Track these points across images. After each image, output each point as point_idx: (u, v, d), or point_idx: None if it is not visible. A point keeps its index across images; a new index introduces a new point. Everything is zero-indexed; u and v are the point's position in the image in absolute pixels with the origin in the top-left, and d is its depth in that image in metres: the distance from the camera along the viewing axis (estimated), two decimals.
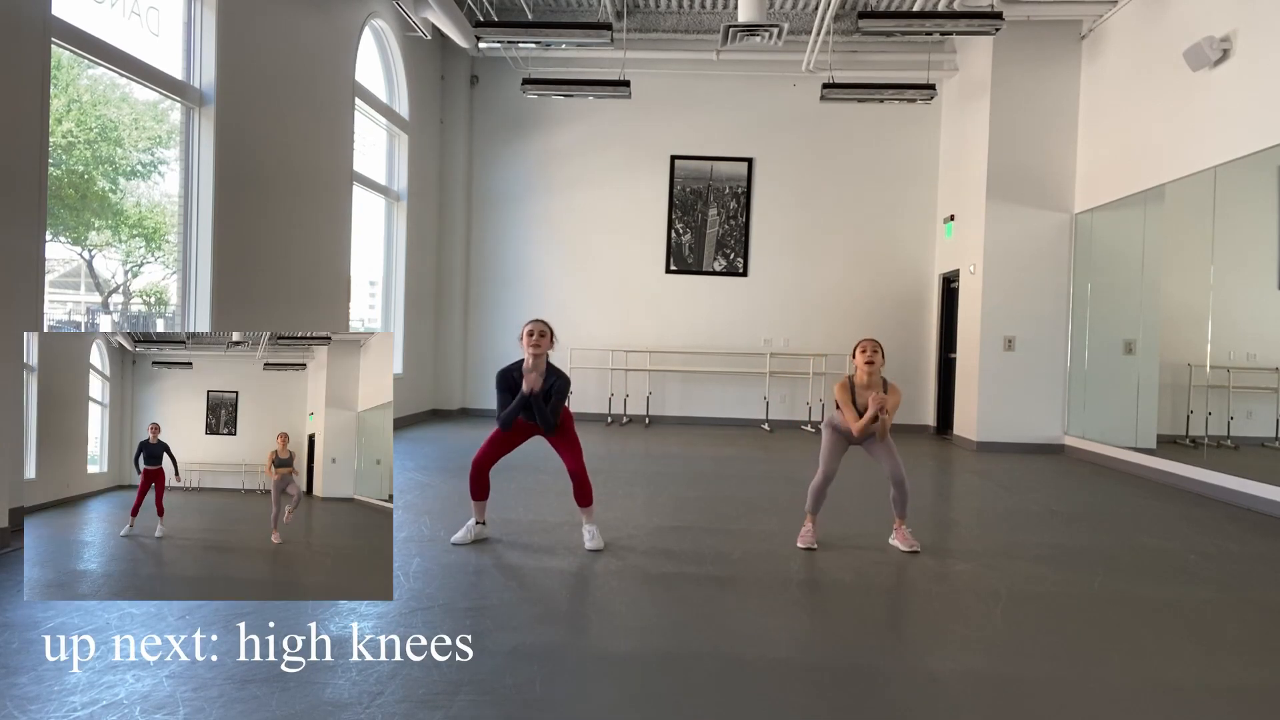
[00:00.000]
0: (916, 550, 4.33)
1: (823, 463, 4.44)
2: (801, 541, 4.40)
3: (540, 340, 4.14)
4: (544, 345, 4.16)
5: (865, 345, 4.38)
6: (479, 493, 4.31)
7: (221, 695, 2.46)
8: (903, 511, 4.43)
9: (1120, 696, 2.68)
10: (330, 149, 7.40)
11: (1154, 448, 7.26)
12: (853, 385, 4.39)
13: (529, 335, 4.15)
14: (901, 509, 4.42)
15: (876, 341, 4.41)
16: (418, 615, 3.18)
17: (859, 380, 4.37)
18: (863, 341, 4.41)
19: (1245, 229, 6.42)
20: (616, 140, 10.66)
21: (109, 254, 5.47)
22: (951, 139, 10.15)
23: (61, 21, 4.45)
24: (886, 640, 3.23)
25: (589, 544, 4.25)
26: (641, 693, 2.62)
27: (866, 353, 4.35)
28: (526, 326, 4.18)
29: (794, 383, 10.59)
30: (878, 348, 4.38)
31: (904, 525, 4.44)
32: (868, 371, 4.33)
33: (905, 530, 4.42)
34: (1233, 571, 4.29)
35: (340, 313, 7.76)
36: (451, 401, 10.69)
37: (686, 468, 7.14)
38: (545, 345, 4.17)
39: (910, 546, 4.35)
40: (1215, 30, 6.40)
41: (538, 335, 4.15)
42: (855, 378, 4.39)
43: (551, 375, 4.20)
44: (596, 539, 4.27)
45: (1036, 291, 8.78)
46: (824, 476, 4.41)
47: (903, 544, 4.38)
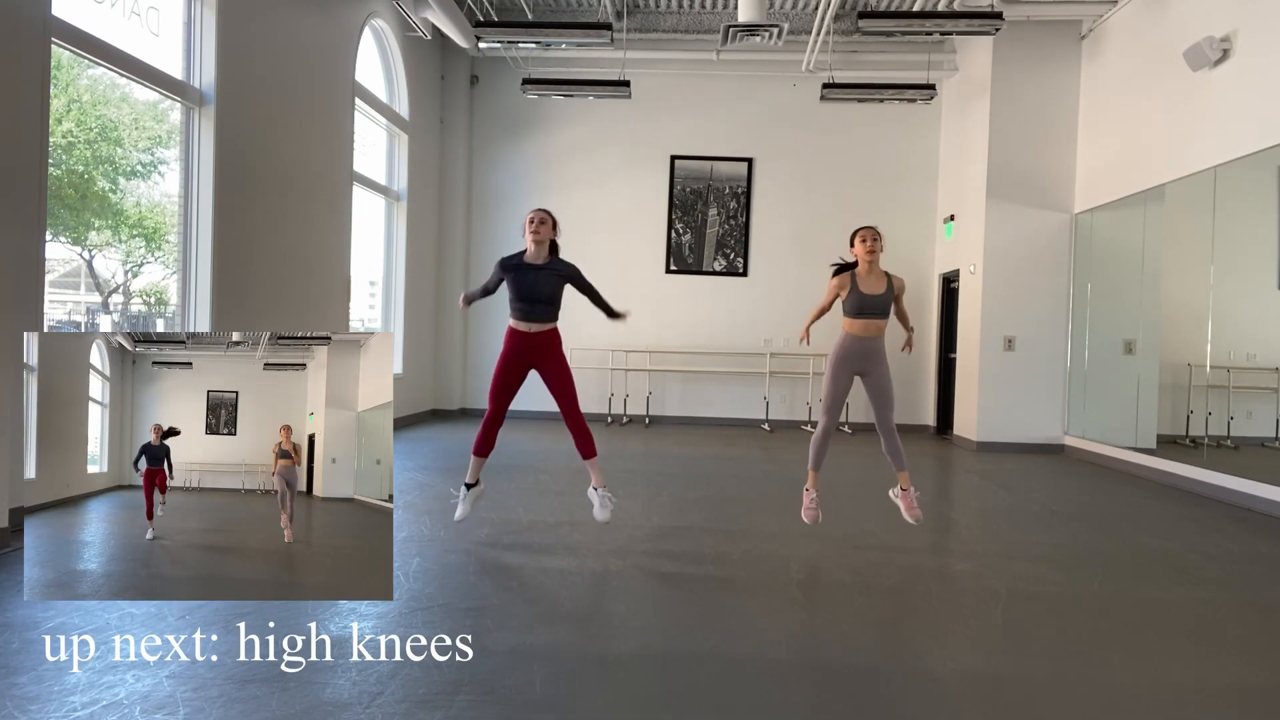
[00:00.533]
0: (918, 520, 4.26)
1: (825, 413, 4.35)
2: (806, 515, 4.34)
3: (540, 227, 4.14)
4: (544, 232, 4.16)
5: (866, 234, 4.29)
6: (484, 448, 4.26)
7: (221, 695, 2.46)
8: (900, 461, 4.35)
9: (1120, 696, 2.68)
10: (330, 149, 7.40)
11: (1154, 448, 7.26)
12: (854, 279, 4.30)
13: (530, 222, 4.15)
14: (898, 458, 4.34)
15: (875, 229, 4.32)
16: (418, 615, 3.18)
17: (860, 269, 4.30)
18: (862, 230, 4.32)
19: (1245, 229, 6.42)
20: (616, 140, 10.66)
21: (109, 254, 5.47)
22: (951, 139, 10.15)
23: (61, 21, 4.45)
24: (886, 640, 3.23)
25: (598, 513, 4.18)
26: (641, 693, 2.62)
27: (867, 241, 4.27)
28: (528, 215, 4.18)
29: (794, 383, 10.59)
30: (878, 235, 4.30)
31: (910, 486, 4.35)
32: (869, 260, 4.26)
33: (912, 494, 4.33)
34: (1233, 571, 4.29)
35: (340, 313, 7.76)
36: (451, 401, 10.69)
37: (686, 468, 7.14)
38: (546, 232, 4.17)
39: (912, 514, 4.26)
40: (1215, 30, 6.40)
41: (537, 222, 4.15)
42: (857, 269, 4.31)
43: (555, 262, 4.19)
44: (606, 507, 4.19)
45: (1036, 291, 8.78)
46: (828, 420, 4.33)
47: (904, 509, 4.30)
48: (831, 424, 4.36)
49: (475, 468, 4.33)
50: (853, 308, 4.31)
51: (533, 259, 4.17)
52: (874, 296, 4.27)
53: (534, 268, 4.17)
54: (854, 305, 4.30)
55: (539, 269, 4.17)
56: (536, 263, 4.16)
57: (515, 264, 4.19)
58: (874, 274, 4.29)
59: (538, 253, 4.16)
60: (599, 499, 4.24)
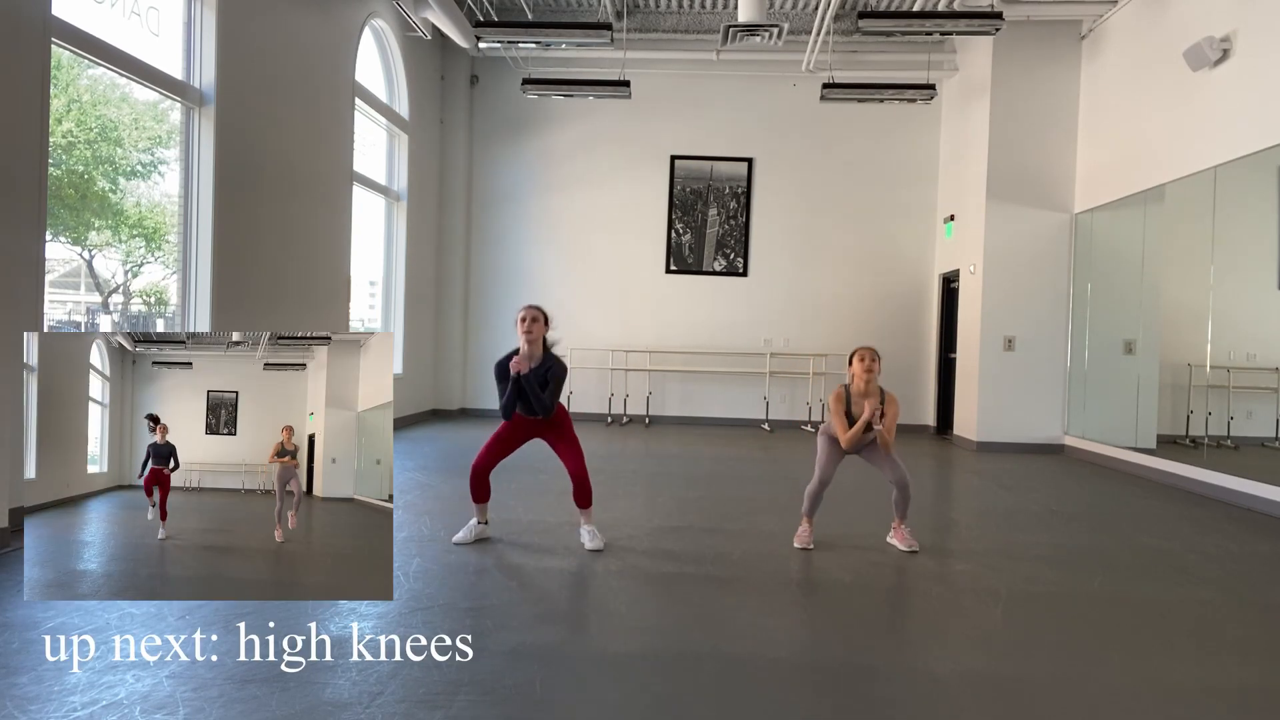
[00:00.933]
0: (915, 550, 4.33)
1: (819, 469, 4.43)
2: (798, 542, 4.40)
3: (533, 326, 4.13)
4: (537, 330, 4.15)
5: (864, 354, 4.35)
6: (479, 495, 4.32)
7: (221, 695, 2.46)
8: (903, 513, 4.42)
9: (1120, 696, 2.68)
10: (330, 149, 7.40)
11: (1154, 448, 7.26)
12: (849, 394, 4.37)
13: (521, 321, 4.14)
14: (903, 510, 4.41)
15: (874, 350, 4.39)
16: (418, 615, 3.18)
17: (855, 388, 4.35)
18: (860, 350, 4.38)
19: (1245, 229, 6.42)
20: (616, 140, 10.66)
21: (109, 254, 5.47)
22: (951, 139, 10.15)
23: (61, 21, 4.45)
24: (886, 640, 3.23)
25: (589, 544, 4.24)
26: (641, 693, 2.62)
27: (865, 361, 4.31)
28: (520, 313, 4.18)
29: (794, 383, 10.59)
30: (876, 356, 4.36)
31: (904, 526, 4.43)
32: (865, 380, 4.31)
33: (905, 530, 4.41)
34: (1233, 571, 4.29)
35: (340, 313, 7.76)
36: (451, 401, 10.69)
37: (686, 468, 7.14)
38: (539, 330, 4.16)
39: (909, 546, 4.35)
40: (1215, 30, 6.40)
41: (530, 321, 4.14)
42: (852, 386, 4.37)
43: (548, 360, 4.19)
44: (596, 539, 4.26)
45: (1036, 291, 8.78)
46: (819, 482, 4.41)
47: (901, 543, 4.38)
48: (825, 479, 4.41)
49: (481, 513, 4.38)
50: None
51: (525, 359, 4.14)
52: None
53: (529, 375, 4.14)
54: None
55: (531, 375, 4.15)
56: (532, 366, 4.14)
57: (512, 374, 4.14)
58: (870, 394, 4.31)
59: (531, 353, 4.15)
60: (588, 533, 4.30)
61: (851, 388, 4.37)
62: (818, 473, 4.42)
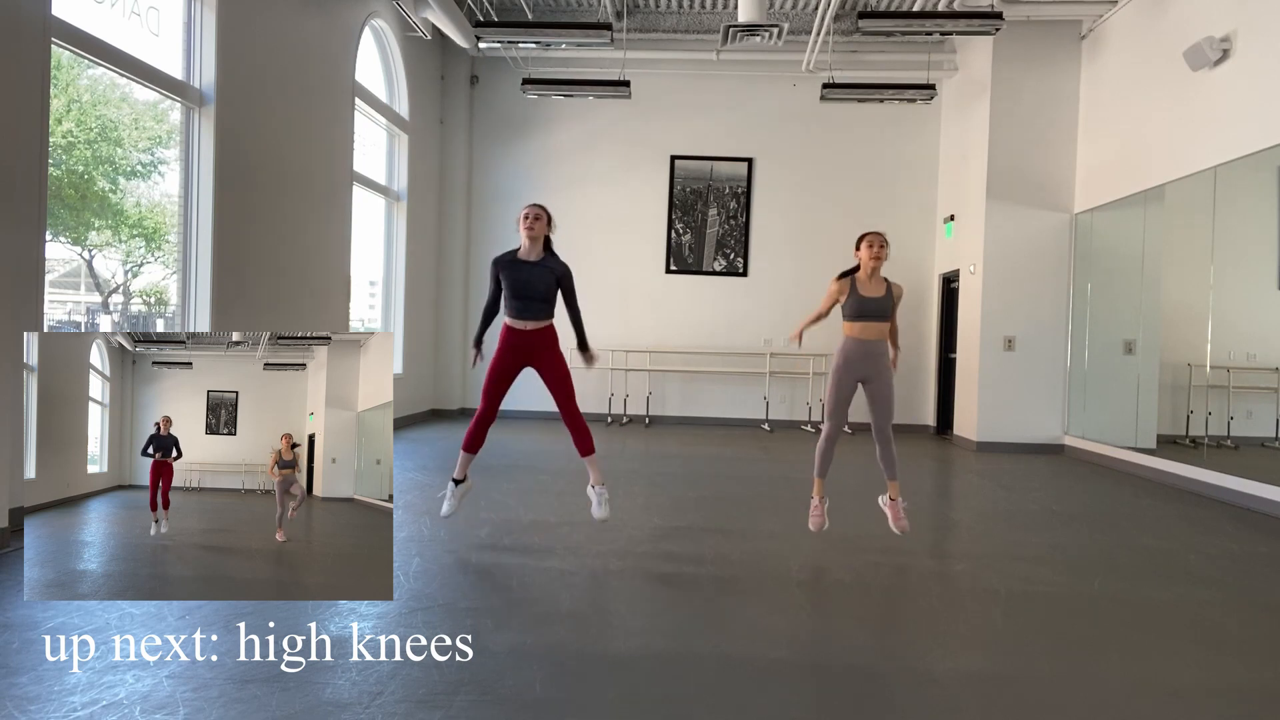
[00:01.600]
0: (904, 531, 4.27)
1: (829, 417, 4.33)
2: (813, 523, 4.33)
3: (535, 223, 4.13)
4: (539, 228, 4.15)
5: (873, 239, 4.25)
6: (475, 445, 4.25)
7: (221, 695, 2.46)
8: (893, 471, 4.33)
9: (1120, 696, 2.68)
10: (330, 149, 7.40)
11: (1154, 448, 7.26)
12: (854, 281, 4.28)
13: (525, 218, 4.14)
14: (891, 468, 4.33)
15: (883, 235, 4.29)
16: (418, 615, 3.18)
17: (861, 275, 4.28)
18: (869, 234, 4.29)
19: (1245, 229, 6.42)
20: (616, 140, 10.66)
21: (109, 254, 5.47)
22: (951, 139, 10.15)
23: (61, 21, 4.44)
24: (886, 640, 3.23)
25: (596, 511, 4.17)
26: (641, 693, 2.62)
27: (874, 247, 4.22)
28: (523, 210, 4.17)
29: (794, 383, 10.59)
30: (885, 242, 4.26)
31: (899, 497, 4.35)
32: (873, 266, 4.23)
33: (900, 505, 4.33)
34: (1233, 571, 4.29)
35: (340, 313, 7.76)
36: (451, 401, 10.69)
37: (686, 468, 7.14)
38: (541, 228, 4.16)
39: (899, 525, 4.26)
40: (1215, 30, 6.40)
41: (532, 218, 4.13)
42: (858, 273, 4.29)
43: (550, 258, 4.18)
44: (604, 506, 4.18)
45: (1036, 291, 8.78)
46: (833, 430, 4.31)
47: (892, 520, 4.30)
48: (836, 429, 4.34)
49: (464, 464, 4.33)
50: (852, 311, 4.28)
51: (526, 255, 4.16)
52: (873, 299, 4.25)
53: (528, 264, 4.15)
54: (853, 308, 4.27)
55: (533, 265, 4.16)
56: (530, 259, 4.15)
57: (509, 260, 4.18)
58: (875, 279, 4.27)
59: (532, 248, 4.15)
60: (596, 496, 4.24)
61: (858, 274, 4.29)
62: (828, 423, 4.32)
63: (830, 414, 4.35)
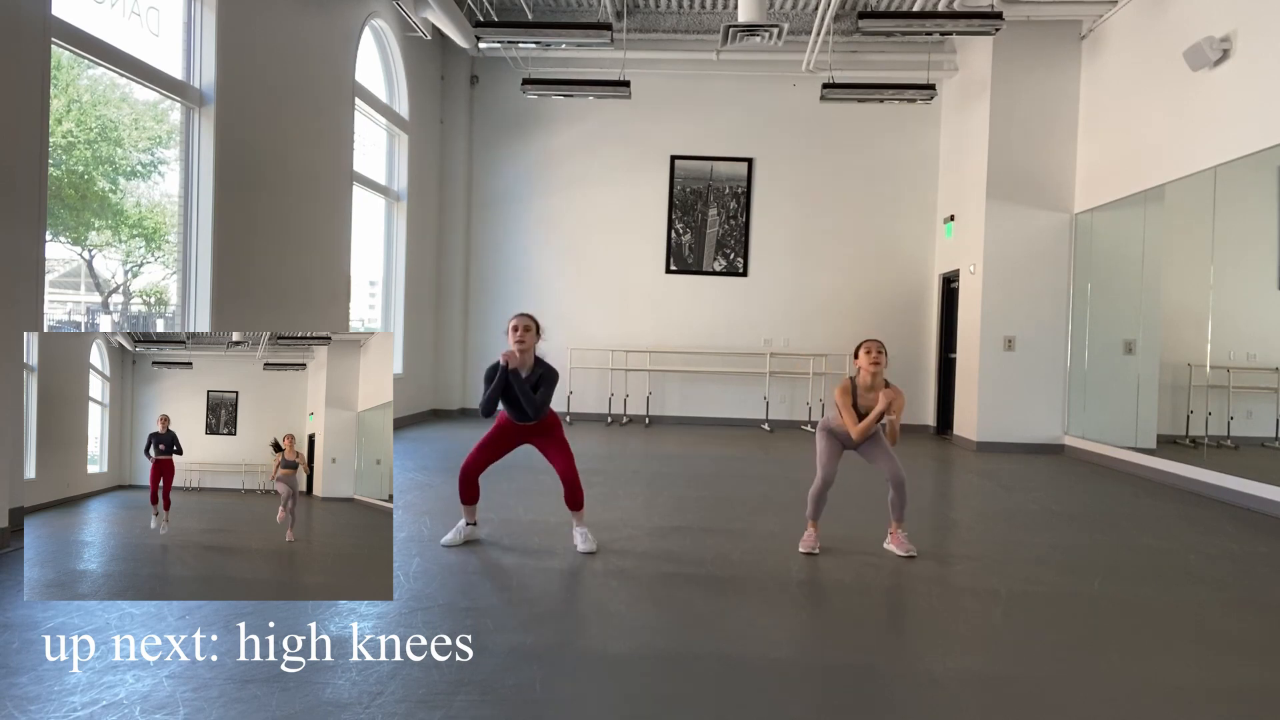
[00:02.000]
0: (913, 555, 4.26)
1: (821, 468, 4.35)
2: (804, 547, 4.33)
3: (525, 335, 4.13)
4: (529, 340, 4.15)
5: (870, 346, 4.30)
6: (468, 497, 4.29)
7: (221, 695, 2.46)
8: (900, 515, 4.36)
9: (1120, 696, 2.68)
10: (330, 149, 7.40)
11: (1154, 448, 7.26)
12: (855, 387, 4.33)
13: (513, 330, 4.14)
14: (899, 512, 4.35)
15: (881, 343, 4.33)
16: (418, 615, 3.18)
17: (862, 382, 4.30)
18: (867, 342, 4.34)
19: (1245, 229, 6.42)
20: (616, 140, 10.66)
21: (109, 254, 5.48)
22: (951, 139, 10.15)
23: (61, 21, 4.44)
24: (886, 640, 3.23)
25: (581, 547, 4.22)
26: (641, 693, 2.62)
27: (872, 354, 4.26)
28: (511, 321, 4.18)
29: (794, 383, 10.59)
30: (883, 349, 4.29)
31: (901, 529, 4.37)
32: (872, 373, 4.25)
33: (902, 534, 4.35)
34: (1233, 571, 4.29)
35: (340, 313, 7.76)
36: (451, 401, 10.69)
37: (686, 468, 7.14)
38: (530, 340, 4.16)
39: (907, 552, 4.27)
40: (1215, 30, 6.40)
41: (522, 330, 4.13)
42: (858, 379, 4.32)
43: (539, 368, 4.19)
44: (589, 541, 4.24)
45: (1036, 291, 8.78)
46: (823, 482, 4.34)
47: (899, 549, 4.30)
48: (829, 478, 4.34)
49: (469, 514, 4.35)
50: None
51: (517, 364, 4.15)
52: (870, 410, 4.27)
53: (518, 380, 4.14)
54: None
55: (522, 380, 4.15)
56: (522, 374, 4.14)
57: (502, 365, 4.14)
58: (875, 387, 4.28)
59: (524, 362, 4.15)
60: (580, 535, 4.27)
61: (858, 380, 4.32)
62: (820, 473, 4.35)
63: (822, 466, 4.36)
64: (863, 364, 4.29)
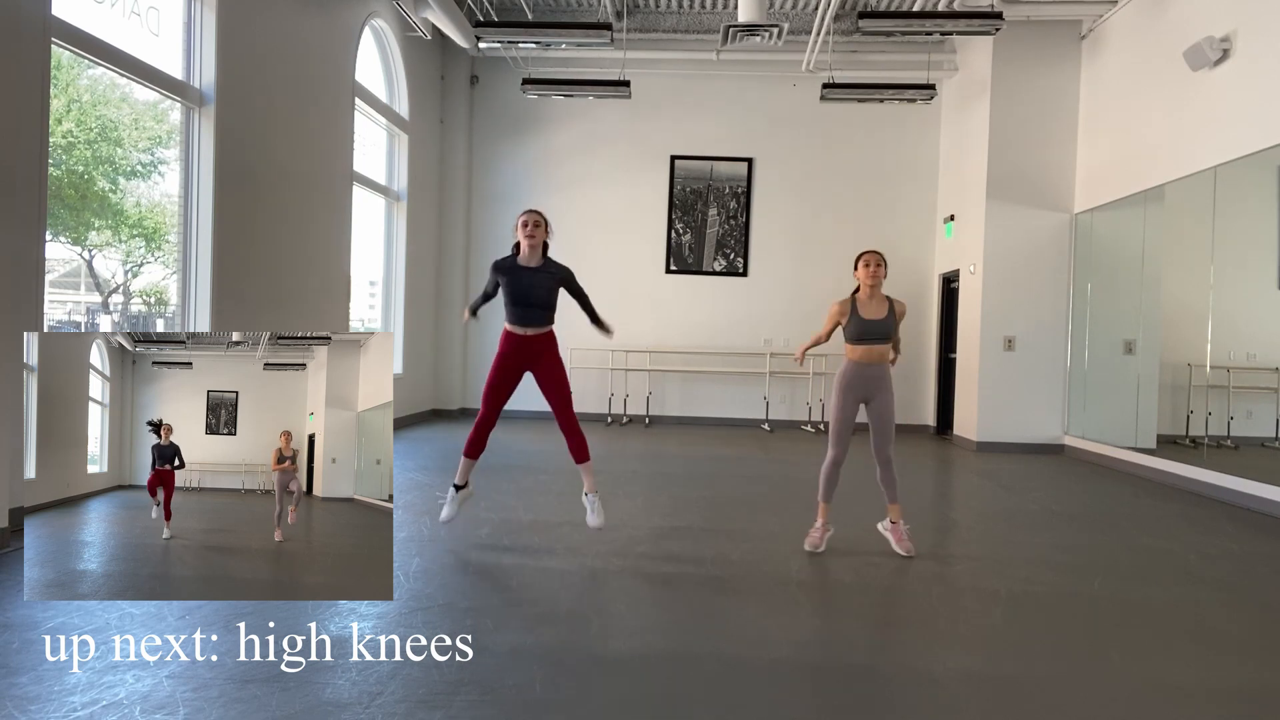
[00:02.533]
0: (910, 554, 4.20)
1: (832, 446, 4.26)
2: (809, 543, 4.25)
3: (535, 230, 4.13)
4: (539, 235, 4.15)
5: (870, 258, 4.25)
6: (475, 450, 4.27)
7: (221, 695, 2.46)
8: (894, 493, 4.29)
9: (1120, 696, 2.68)
10: (330, 149, 7.40)
11: (1154, 448, 7.26)
12: (854, 302, 4.27)
13: (524, 225, 4.13)
14: (891, 489, 4.28)
15: (880, 254, 4.28)
16: (418, 615, 3.18)
17: (862, 294, 4.27)
18: (866, 254, 4.28)
19: (1245, 229, 6.42)
20: (616, 140, 10.66)
21: (109, 254, 5.47)
22: (951, 139, 10.15)
23: (61, 21, 4.44)
24: (886, 640, 3.23)
25: (591, 519, 4.18)
26: (641, 693, 2.62)
27: (870, 266, 4.22)
28: (521, 217, 4.17)
29: (794, 383, 10.59)
30: (882, 260, 4.25)
31: (901, 520, 4.31)
32: (871, 285, 4.22)
33: (903, 528, 4.29)
34: (1233, 571, 4.29)
35: (340, 313, 7.76)
36: (451, 401, 10.69)
37: (686, 468, 7.14)
38: (540, 235, 4.16)
39: (906, 550, 4.20)
40: (1215, 30, 6.40)
41: (532, 225, 4.13)
42: (858, 294, 4.28)
43: (549, 264, 4.19)
44: (598, 514, 4.19)
45: (1036, 291, 8.78)
46: (834, 460, 4.26)
47: (897, 544, 4.25)
48: (841, 454, 4.27)
49: (465, 469, 4.34)
50: (854, 334, 4.26)
51: (527, 261, 4.16)
52: (875, 321, 4.23)
53: (529, 270, 4.16)
54: (855, 331, 4.26)
55: (534, 272, 4.16)
56: (531, 265, 4.15)
57: (509, 266, 4.18)
58: (876, 299, 4.25)
59: (532, 255, 4.15)
60: (590, 504, 4.25)
61: (858, 295, 4.27)
62: (831, 451, 4.25)
63: (834, 440, 4.27)
64: (861, 277, 4.26)
